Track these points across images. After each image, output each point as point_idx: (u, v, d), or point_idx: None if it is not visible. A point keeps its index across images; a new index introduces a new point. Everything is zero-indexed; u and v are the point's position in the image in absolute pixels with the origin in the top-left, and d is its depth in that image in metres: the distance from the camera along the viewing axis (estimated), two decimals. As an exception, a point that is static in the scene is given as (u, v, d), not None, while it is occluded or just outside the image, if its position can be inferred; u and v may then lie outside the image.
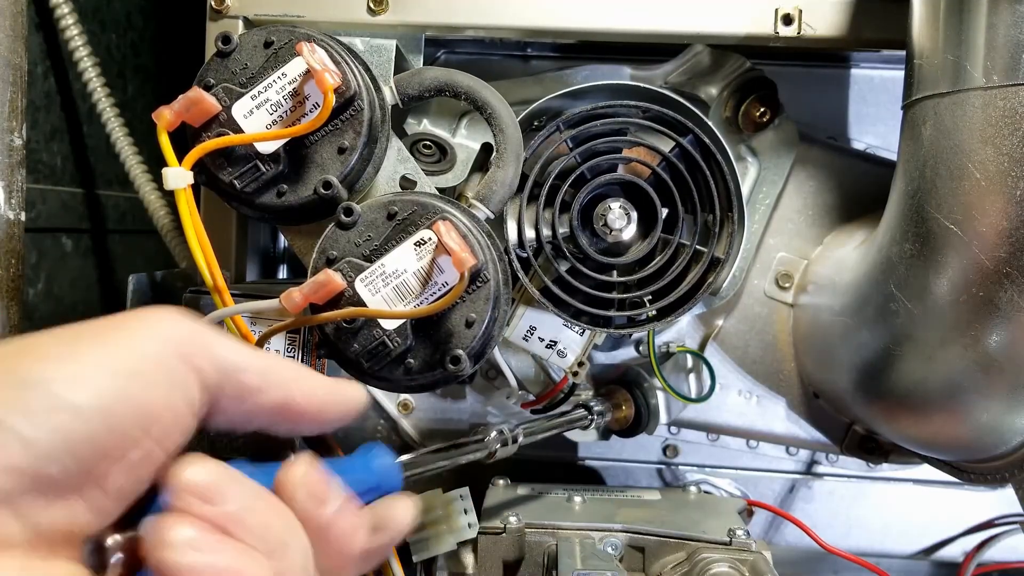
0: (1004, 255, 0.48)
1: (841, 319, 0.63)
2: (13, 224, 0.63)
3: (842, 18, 0.63)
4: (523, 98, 0.67)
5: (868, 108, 0.77)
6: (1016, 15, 0.46)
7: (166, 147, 0.50)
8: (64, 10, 0.75)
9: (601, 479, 0.82)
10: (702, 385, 0.73)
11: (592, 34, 0.65)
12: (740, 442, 0.77)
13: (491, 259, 0.52)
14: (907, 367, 0.56)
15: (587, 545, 0.57)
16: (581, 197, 0.62)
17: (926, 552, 0.79)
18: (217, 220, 0.70)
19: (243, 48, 0.53)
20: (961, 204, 0.49)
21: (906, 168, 0.54)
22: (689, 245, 0.62)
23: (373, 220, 0.51)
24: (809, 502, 0.80)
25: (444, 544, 0.58)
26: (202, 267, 0.50)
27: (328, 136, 0.52)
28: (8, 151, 0.62)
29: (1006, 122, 0.47)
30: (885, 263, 0.56)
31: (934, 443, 0.62)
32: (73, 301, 0.86)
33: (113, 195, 0.92)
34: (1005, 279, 0.48)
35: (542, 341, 0.67)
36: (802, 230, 0.72)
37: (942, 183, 0.51)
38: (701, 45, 0.67)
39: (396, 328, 0.50)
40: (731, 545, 0.57)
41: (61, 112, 0.83)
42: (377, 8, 0.64)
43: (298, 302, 0.48)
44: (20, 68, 0.63)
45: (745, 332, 0.74)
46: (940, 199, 0.51)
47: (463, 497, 0.58)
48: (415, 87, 0.56)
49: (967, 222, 0.49)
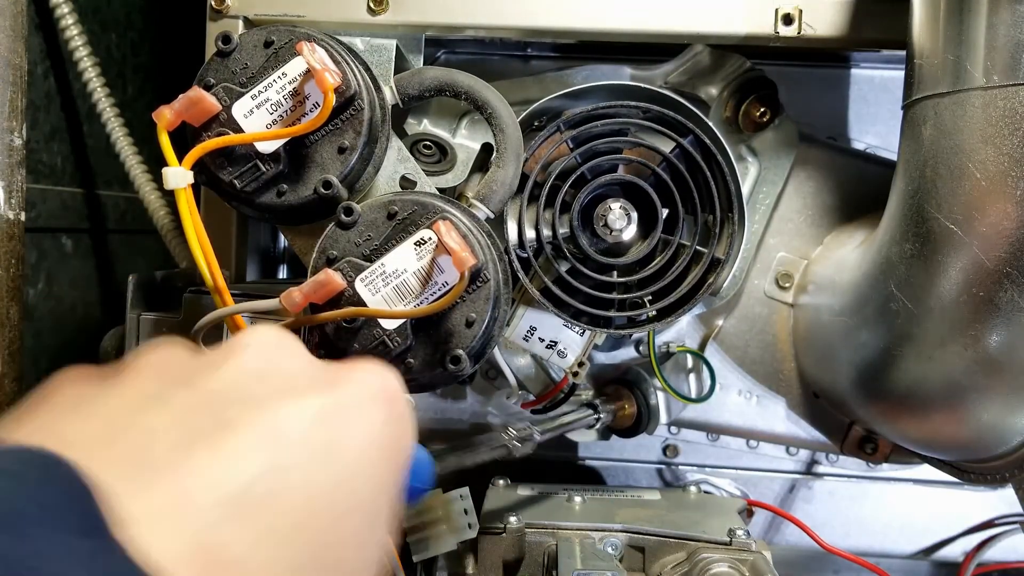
0: (1004, 255, 0.48)
1: (841, 319, 0.63)
2: (13, 224, 0.63)
3: (842, 18, 0.63)
4: (523, 98, 0.67)
5: (868, 108, 0.77)
6: (1016, 15, 0.46)
7: (166, 147, 0.49)
8: (64, 10, 0.75)
9: (601, 479, 0.82)
10: (702, 385, 0.73)
11: (592, 34, 0.65)
12: (740, 442, 0.77)
13: (491, 259, 0.52)
14: (907, 367, 0.56)
15: (587, 545, 0.57)
16: (581, 197, 0.62)
17: (926, 552, 0.79)
18: (217, 220, 0.70)
19: (243, 48, 0.53)
20: (961, 204, 0.49)
21: (906, 168, 0.54)
22: (689, 246, 0.62)
23: (373, 220, 0.51)
24: (809, 502, 0.80)
25: (444, 544, 0.57)
26: (202, 267, 0.50)
27: (328, 136, 0.52)
28: (8, 151, 0.62)
29: (1006, 122, 0.47)
30: (885, 263, 0.56)
31: (934, 443, 0.62)
32: (73, 301, 0.86)
33: (113, 195, 0.92)
34: (1005, 279, 0.48)
35: (542, 341, 0.67)
36: (802, 230, 0.72)
37: (942, 183, 0.51)
38: (701, 45, 0.67)
39: (396, 328, 0.50)
40: (731, 545, 0.57)
41: (61, 112, 0.83)
42: (377, 8, 0.64)
43: (298, 302, 0.48)
44: (20, 68, 0.63)
45: (745, 332, 0.74)
46: (940, 199, 0.51)
47: (463, 497, 0.58)
48: (415, 87, 0.56)
49: (967, 222, 0.49)
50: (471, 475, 0.81)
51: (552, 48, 0.76)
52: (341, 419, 0.28)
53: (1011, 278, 0.48)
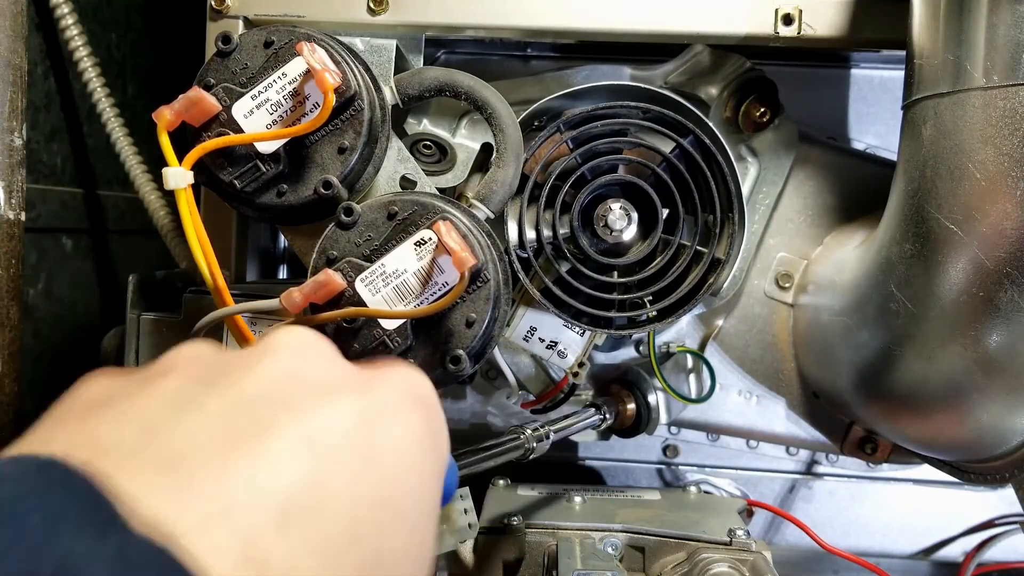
0: (1004, 255, 0.48)
1: (841, 319, 0.63)
2: (13, 224, 0.63)
3: (842, 18, 0.63)
4: (523, 98, 0.67)
5: (868, 108, 0.77)
6: (1016, 15, 0.46)
7: (166, 147, 0.49)
8: (64, 10, 0.75)
9: (601, 479, 0.82)
10: (702, 385, 0.73)
11: (592, 34, 0.65)
12: (740, 442, 0.77)
13: (491, 259, 0.52)
14: (907, 367, 0.56)
15: (587, 545, 0.57)
16: (582, 198, 0.62)
17: (926, 552, 0.79)
18: (217, 220, 0.70)
19: (243, 48, 0.53)
20: (961, 204, 0.49)
21: (906, 168, 0.54)
22: (690, 246, 0.62)
23: (373, 220, 0.51)
24: (809, 502, 0.80)
25: (444, 544, 0.57)
26: (202, 267, 0.50)
27: (328, 136, 0.52)
28: (8, 151, 0.62)
29: (1006, 122, 0.47)
30: (885, 263, 0.56)
31: (934, 443, 0.62)
32: (73, 301, 0.86)
33: (113, 195, 0.92)
34: (1005, 279, 0.48)
35: (542, 341, 0.67)
36: (802, 230, 0.72)
37: (942, 183, 0.51)
38: (701, 45, 0.67)
39: (396, 328, 0.50)
40: (731, 545, 0.57)
41: (61, 112, 0.83)
42: (377, 8, 0.64)
43: (298, 302, 0.48)
44: (20, 68, 0.63)
45: (745, 332, 0.74)
46: (940, 199, 0.51)
47: (463, 497, 0.58)
48: (415, 87, 0.56)
49: (967, 222, 0.49)
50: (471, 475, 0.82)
51: (552, 48, 0.76)
52: (379, 422, 0.27)
53: (1011, 278, 0.48)
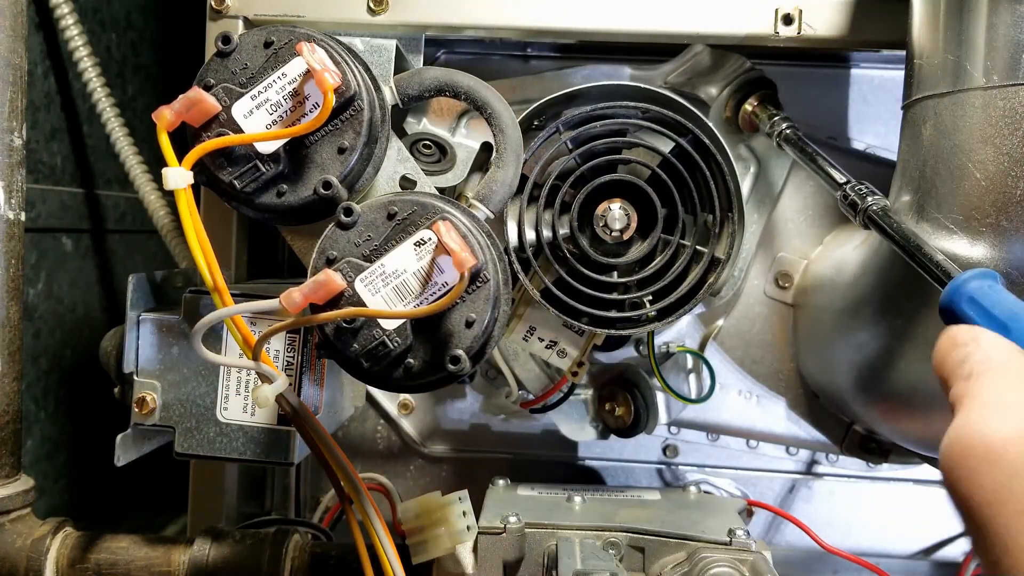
0: (1004, 255, 0.48)
1: (841, 319, 0.63)
2: (13, 224, 0.63)
3: (842, 18, 0.63)
4: (523, 98, 0.67)
5: (868, 108, 0.77)
6: (1016, 15, 0.46)
7: (166, 147, 0.49)
8: (64, 10, 0.76)
9: (601, 479, 0.82)
10: (702, 385, 0.73)
11: (592, 34, 0.65)
12: (740, 442, 0.77)
13: (491, 259, 0.52)
14: (907, 367, 0.56)
15: (587, 545, 0.57)
16: (581, 198, 0.62)
17: (926, 552, 0.79)
18: (217, 220, 0.70)
19: (243, 48, 0.53)
20: (961, 204, 0.49)
21: (906, 168, 0.54)
22: (689, 245, 0.62)
23: (373, 220, 0.51)
24: (809, 502, 0.80)
25: (443, 547, 0.57)
26: (202, 267, 0.50)
27: (328, 136, 0.52)
28: (8, 151, 0.62)
29: (1006, 122, 0.47)
30: (885, 263, 0.56)
31: (934, 443, 0.62)
32: (73, 301, 0.86)
33: (113, 195, 0.92)
34: (1005, 279, 0.48)
35: (542, 341, 0.67)
36: (802, 230, 0.72)
37: (942, 183, 0.51)
38: (701, 45, 0.67)
39: (396, 328, 0.50)
40: (731, 545, 0.57)
41: (61, 112, 0.83)
42: (377, 8, 0.64)
43: (298, 302, 0.48)
44: (20, 68, 0.63)
45: (745, 332, 0.74)
46: (940, 199, 0.51)
47: (462, 499, 0.58)
48: (415, 87, 0.56)
49: (967, 222, 0.49)
50: (470, 477, 0.82)
51: (552, 48, 0.76)
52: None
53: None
